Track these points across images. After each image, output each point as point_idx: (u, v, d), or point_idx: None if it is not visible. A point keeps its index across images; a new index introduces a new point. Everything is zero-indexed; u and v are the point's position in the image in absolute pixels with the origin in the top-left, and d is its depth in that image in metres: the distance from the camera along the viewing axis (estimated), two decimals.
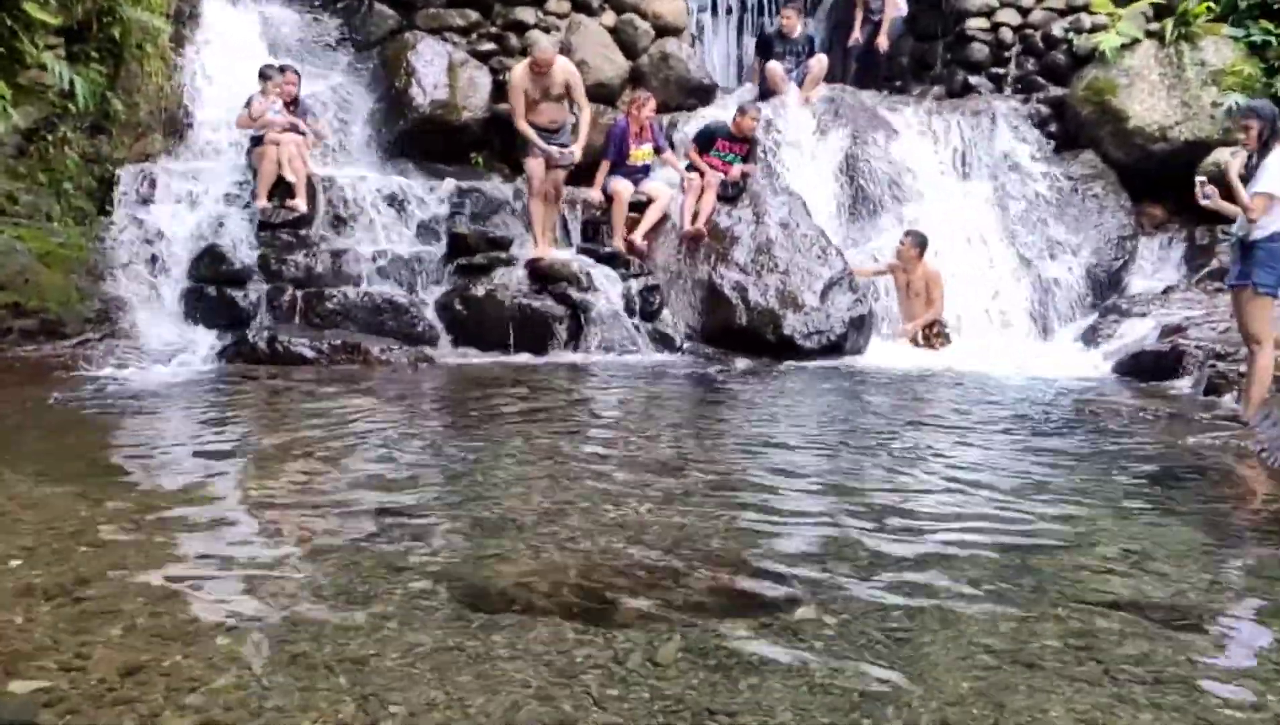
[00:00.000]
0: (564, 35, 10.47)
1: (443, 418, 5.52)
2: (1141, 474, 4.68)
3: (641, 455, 4.67)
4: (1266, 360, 5.73)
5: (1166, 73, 10.48)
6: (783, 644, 2.50)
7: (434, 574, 2.90)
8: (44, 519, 3.25)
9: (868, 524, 3.53)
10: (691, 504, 3.73)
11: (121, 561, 2.88)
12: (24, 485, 3.66)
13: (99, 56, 7.79)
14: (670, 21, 10.76)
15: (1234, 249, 5.95)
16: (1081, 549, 3.38)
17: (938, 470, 4.47)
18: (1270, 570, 3.25)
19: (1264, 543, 3.68)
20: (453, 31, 10.38)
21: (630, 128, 9.13)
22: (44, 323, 6.63)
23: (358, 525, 3.36)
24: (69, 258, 7.06)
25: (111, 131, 8.11)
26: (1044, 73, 11.22)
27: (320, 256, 7.77)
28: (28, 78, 7.09)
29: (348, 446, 4.56)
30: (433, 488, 3.92)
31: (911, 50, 12.58)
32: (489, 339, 7.67)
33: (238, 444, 4.63)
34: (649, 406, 6.13)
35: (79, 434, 4.78)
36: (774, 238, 8.65)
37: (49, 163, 7.48)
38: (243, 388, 6.00)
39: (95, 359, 6.51)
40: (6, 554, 2.91)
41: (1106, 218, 10.25)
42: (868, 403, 6.40)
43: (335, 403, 5.62)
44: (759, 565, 3.10)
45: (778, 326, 8.11)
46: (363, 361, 6.86)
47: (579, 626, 2.56)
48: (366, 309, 7.52)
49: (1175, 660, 2.45)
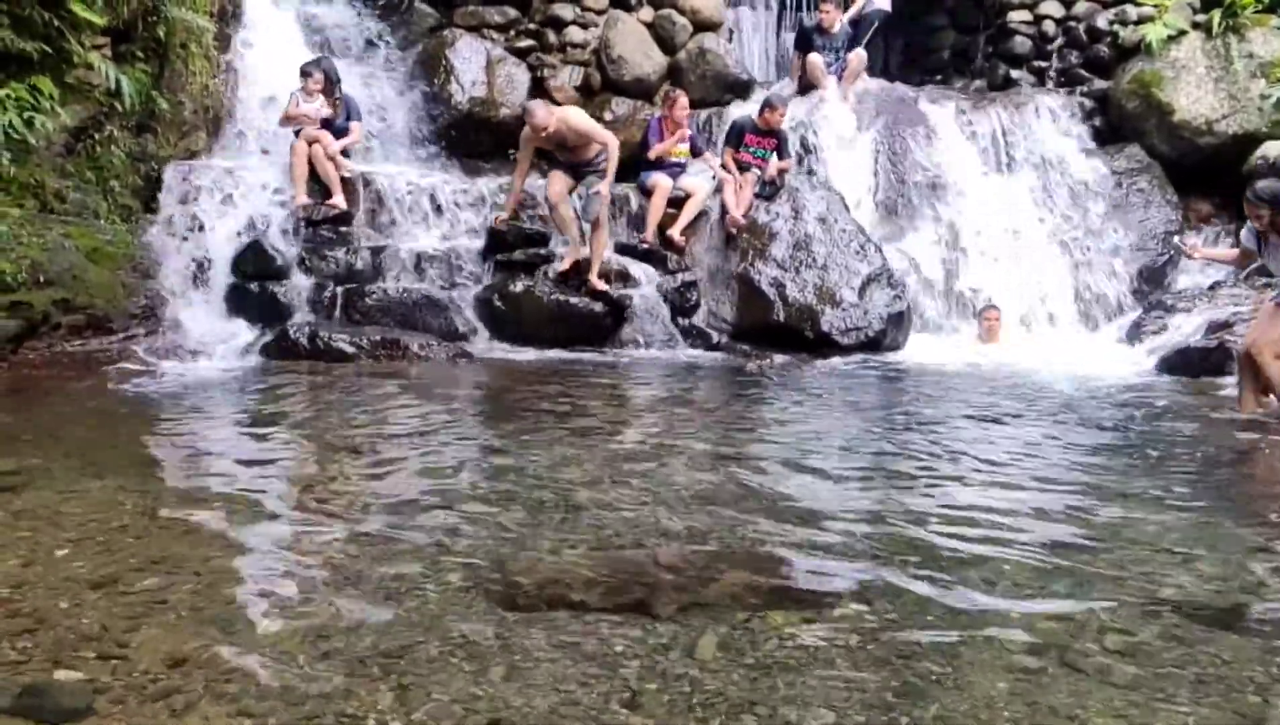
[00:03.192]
0: (601, 31, 10.49)
1: (481, 412, 5.55)
2: (1186, 471, 4.60)
3: (679, 450, 4.67)
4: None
5: (1214, 65, 10.30)
6: (822, 639, 2.48)
7: (473, 567, 2.91)
8: (89, 511, 3.30)
9: (908, 521, 3.50)
10: (730, 499, 3.72)
11: (165, 553, 2.92)
12: (70, 478, 3.72)
13: (144, 56, 7.90)
14: (708, 17, 10.75)
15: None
16: (1124, 548, 3.33)
17: (978, 467, 4.43)
18: None
19: None
20: (491, 29, 10.44)
21: (665, 125, 9.13)
22: (91, 318, 6.73)
23: (398, 518, 3.39)
24: (116, 254, 7.16)
25: (157, 130, 8.22)
26: (1088, 66, 11.07)
27: (360, 253, 7.85)
28: (75, 77, 7.20)
29: (388, 440, 4.60)
30: (471, 482, 3.94)
31: (953, 44, 12.47)
32: (527, 335, 7.70)
33: (279, 437, 4.68)
34: (686, 402, 6.12)
35: (124, 427, 4.86)
36: (812, 233, 8.61)
37: (96, 161, 7.60)
38: (284, 382, 6.07)
39: (140, 354, 6.62)
40: (53, 545, 2.96)
41: (1152, 212, 10.11)
42: (906, 399, 6.35)
43: (375, 397, 5.67)
44: (797, 560, 3.09)
45: (815, 322, 8.08)
46: (402, 357, 6.91)
47: (617, 619, 2.57)
48: (406, 305, 7.57)
49: (1218, 662, 2.41)
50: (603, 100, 10.40)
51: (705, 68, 10.58)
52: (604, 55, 10.48)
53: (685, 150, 9.21)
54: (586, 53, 10.55)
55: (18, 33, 6.63)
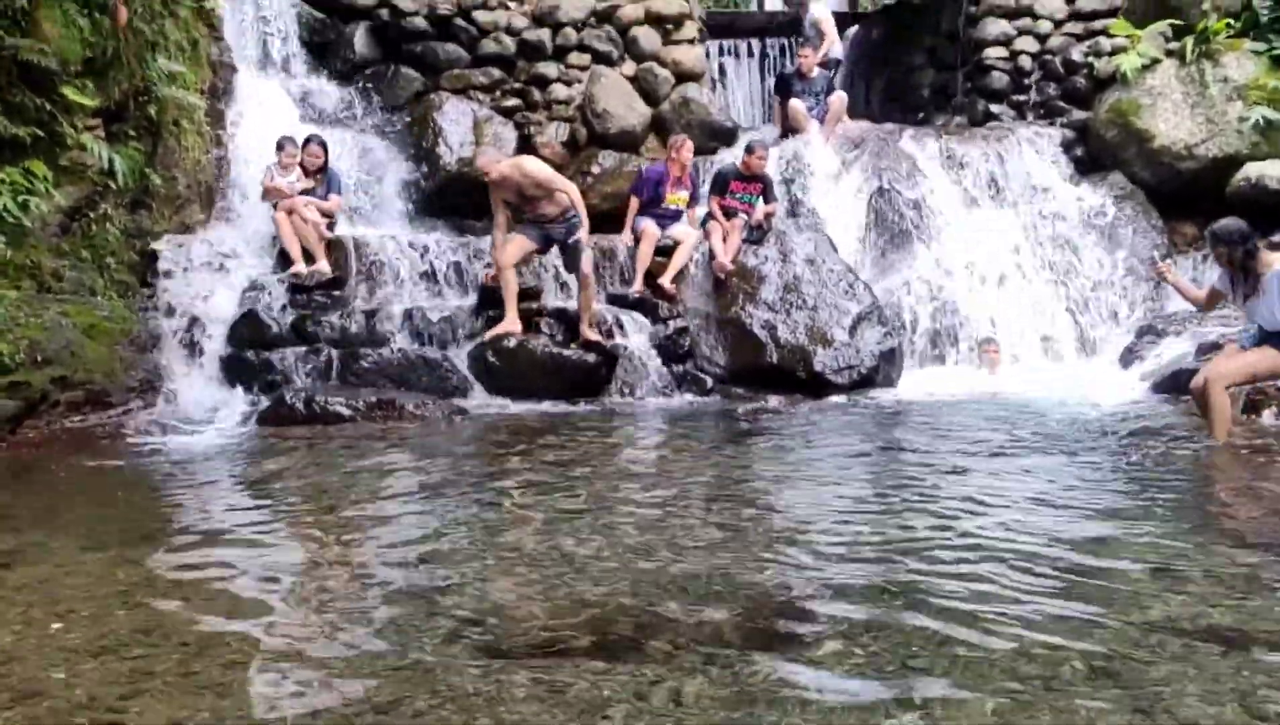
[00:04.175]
0: (585, 86, 10.68)
1: (476, 468, 5.58)
2: (1175, 492, 4.64)
3: (673, 496, 4.70)
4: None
5: (1190, 91, 10.45)
6: (807, 678, 2.51)
7: (463, 619, 2.94)
8: (85, 584, 3.34)
9: (895, 556, 3.53)
10: (721, 543, 3.75)
11: (158, 622, 2.95)
12: (67, 552, 3.76)
13: (137, 135, 8.03)
14: (689, 68, 10.93)
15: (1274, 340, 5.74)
16: (1113, 571, 3.36)
17: (967, 499, 4.45)
18: None
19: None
20: (477, 90, 10.63)
21: (670, 172, 9.24)
22: (89, 394, 6.79)
23: (390, 576, 3.42)
24: (113, 329, 7.25)
25: (151, 205, 8.34)
26: (1065, 97, 11.24)
27: (354, 316, 7.93)
28: (69, 158, 7.32)
29: (381, 500, 4.64)
30: (463, 536, 3.97)
31: (932, 82, 12.66)
32: (522, 389, 7.75)
33: (273, 503, 4.72)
34: (680, 449, 6.16)
35: (121, 501, 4.90)
36: (801, 275, 8.70)
37: (92, 239, 7.70)
38: (281, 448, 6.11)
39: (139, 427, 6.67)
40: (48, 619, 3.00)
41: (1138, 238, 10.22)
42: (897, 435, 6.39)
43: (372, 459, 5.71)
44: (785, 600, 3.11)
45: (808, 363, 8.13)
46: (398, 417, 6.96)
47: (604, 665, 2.59)
48: (401, 365, 7.63)
49: (1204, 681, 2.43)
50: (589, 154, 10.57)
51: (689, 117, 10.74)
52: (589, 110, 10.65)
53: (685, 197, 9.32)
54: (571, 108, 10.73)
55: (10, 118, 6.76)
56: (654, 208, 9.18)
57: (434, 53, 10.66)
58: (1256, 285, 5.60)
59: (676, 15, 10.98)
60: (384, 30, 10.70)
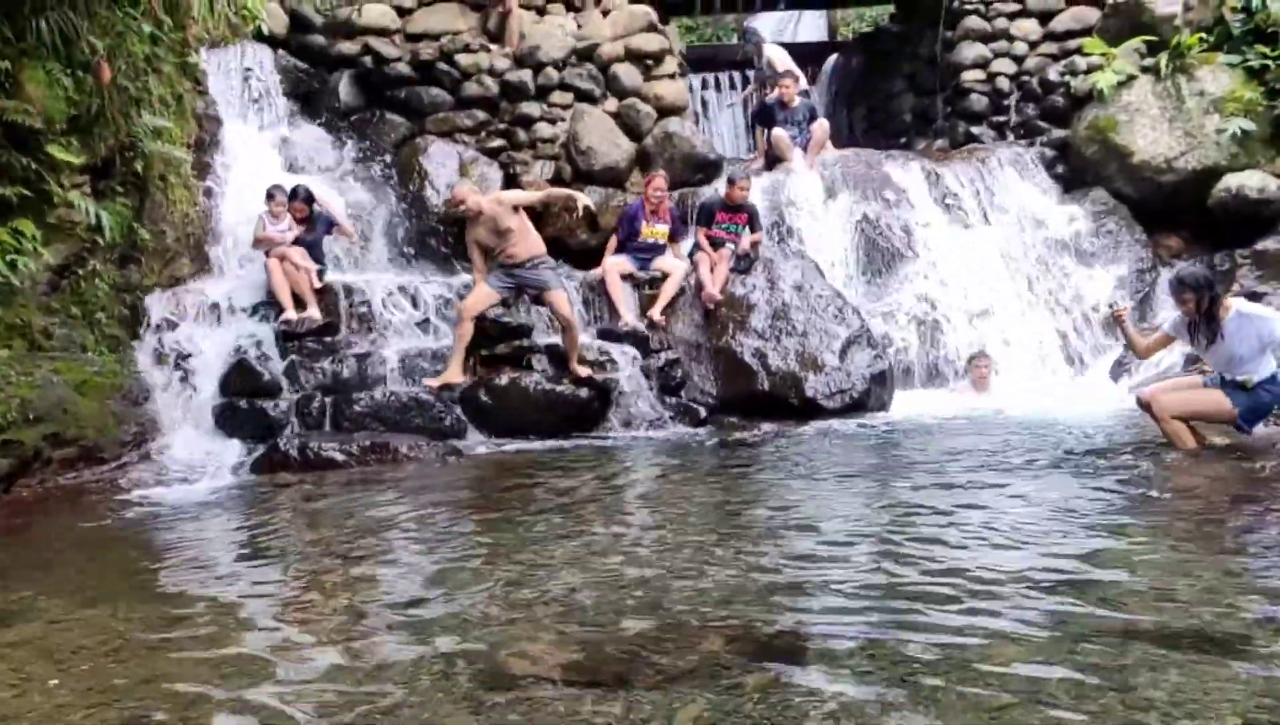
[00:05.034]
0: (569, 124, 10.77)
1: (470, 507, 5.59)
2: (1162, 503, 4.66)
3: (666, 528, 4.71)
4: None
5: (1166, 105, 10.56)
6: (800, 696, 2.51)
7: (458, 656, 2.95)
8: (79, 639, 3.34)
9: (889, 576, 3.54)
10: (715, 572, 3.76)
11: (154, 675, 2.95)
12: (62, 608, 3.76)
13: (124, 190, 8.07)
14: (671, 102, 11.03)
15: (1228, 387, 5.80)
16: (1103, 582, 3.37)
17: (959, 517, 4.47)
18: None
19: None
20: (462, 132, 10.72)
21: (644, 207, 9.35)
22: (82, 450, 6.79)
23: (385, 618, 3.43)
24: (104, 385, 7.25)
25: (140, 260, 8.37)
26: (1044, 116, 11.37)
27: (346, 361, 7.95)
28: (56, 216, 7.36)
29: (377, 544, 4.64)
30: (460, 574, 3.97)
31: (912, 107, 12.81)
32: (516, 426, 7.77)
33: (269, 551, 4.71)
34: (674, 480, 6.16)
35: (116, 556, 4.89)
36: (789, 302, 8.75)
37: (81, 295, 7.72)
38: (275, 496, 6.11)
39: (133, 481, 6.66)
40: (45, 674, 3.00)
41: (1123, 252, 10.29)
42: (890, 457, 6.40)
43: (366, 503, 5.71)
44: (777, 626, 3.12)
45: (800, 389, 8.16)
46: (392, 460, 6.96)
47: (599, 694, 2.60)
48: (394, 408, 7.64)
49: (1195, 690, 2.44)
50: (575, 190, 10.62)
51: (673, 151, 10.83)
52: (573, 147, 10.74)
53: (663, 231, 9.39)
54: (556, 146, 10.82)
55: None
56: (633, 242, 9.28)
57: (418, 97, 10.76)
58: (1219, 331, 5.60)
59: (657, 51, 11.10)
60: (367, 77, 10.81)
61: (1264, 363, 5.65)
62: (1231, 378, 5.66)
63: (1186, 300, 5.65)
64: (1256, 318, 5.63)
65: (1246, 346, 5.59)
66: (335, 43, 10.87)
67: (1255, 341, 5.58)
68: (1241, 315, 5.60)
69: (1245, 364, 5.63)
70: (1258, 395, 5.65)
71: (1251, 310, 5.75)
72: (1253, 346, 5.59)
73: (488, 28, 11.25)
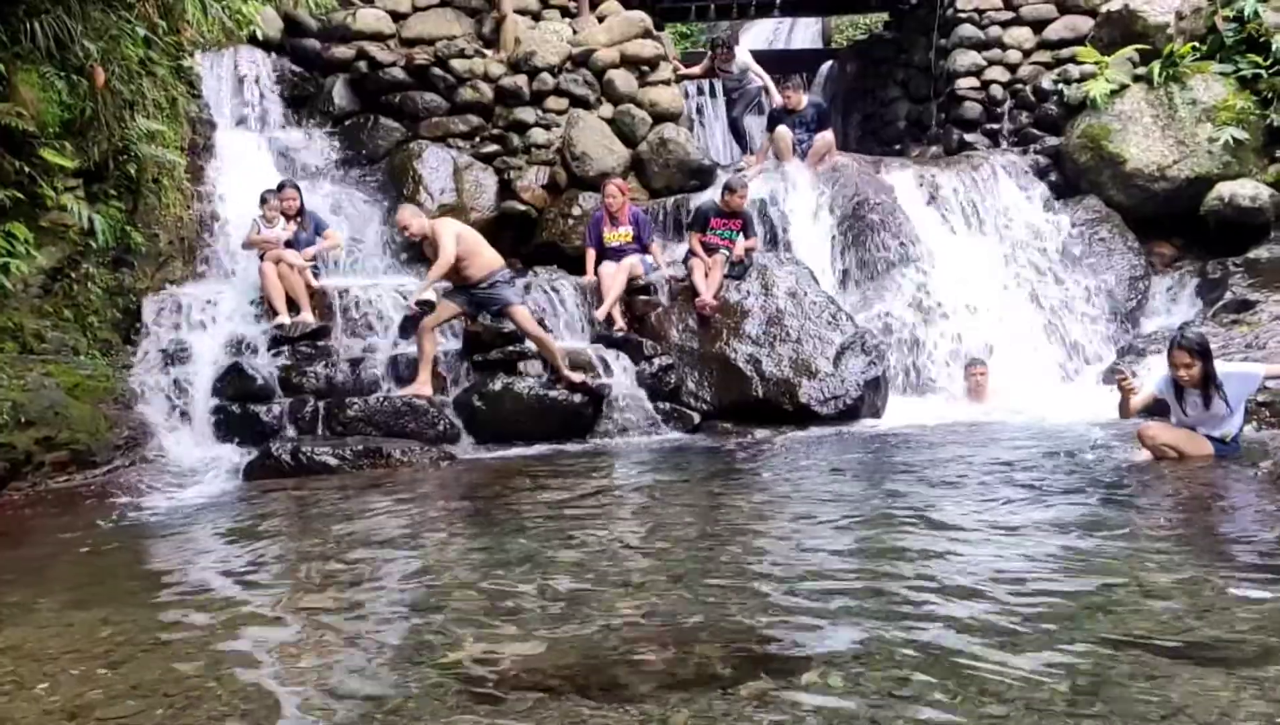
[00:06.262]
0: (564, 130, 10.78)
1: (463, 513, 5.57)
2: (1153, 509, 4.66)
3: (660, 534, 4.70)
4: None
5: (1159, 114, 10.61)
6: (792, 707, 2.51)
7: (452, 664, 2.94)
8: (69, 644, 3.32)
9: (881, 586, 3.54)
10: (709, 579, 3.75)
11: (142, 679, 2.94)
12: (52, 613, 3.74)
13: (117, 194, 8.07)
14: (666, 108, 11.05)
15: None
16: (1094, 589, 3.37)
17: (951, 525, 4.47)
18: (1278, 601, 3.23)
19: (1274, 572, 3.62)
20: (456, 137, 10.73)
21: (604, 214, 9.39)
22: (74, 454, 6.77)
23: (378, 625, 3.41)
24: (97, 388, 7.24)
25: (133, 263, 8.37)
26: (1038, 124, 11.42)
27: (339, 366, 7.94)
28: (49, 220, 7.35)
29: (370, 550, 4.62)
30: (454, 581, 3.96)
31: (907, 114, 12.86)
32: (510, 432, 7.75)
33: (260, 557, 4.69)
34: (667, 486, 6.15)
35: (107, 560, 4.87)
36: (784, 308, 8.75)
37: (74, 299, 7.72)
38: (267, 502, 6.09)
39: (125, 486, 6.63)
40: (33, 680, 2.98)
41: (1116, 260, 10.32)
42: (883, 465, 6.40)
43: (358, 508, 5.69)
44: (770, 634, 3.12)
45: (794, 395, 8.16)
46: (385, 465, 6.95)
47: (592, 704, 2.59)
48: (387, 413, 7.63)
49: (1182, 695, 2.44)
50: (569, 196, 10.65)
51: (668, 156, 10.85)
52: (568, 153, 10.75)
53: (625, 234, 9.36)
54: (550, 152, 10.83)
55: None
56: (603, 249, 9.34)
57: (412, 102, 10.77)
58: (1213, 397, 5.58)
59: (652, 57, 11.12)
60: (362, 82, 10.82)
61: (1240, 417, 5.78)
62: (1208, 434, 5.71)
63: (1190, 365, 5.54)
64: (1236, 377, 5.70)
65: (1232, 406, 5.66)
66: (330, 47, 10.87)
67: (1236, 401, 5.67)
68: (1226, 376, 5.63)
69: (1226, 422, 5.72)
70: (1233, 447, 5.74)
71: (1231, 370, 5.81)
72: (1235, 406, 5.68)
73: (482, 33, 11.28)
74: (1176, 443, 5.67)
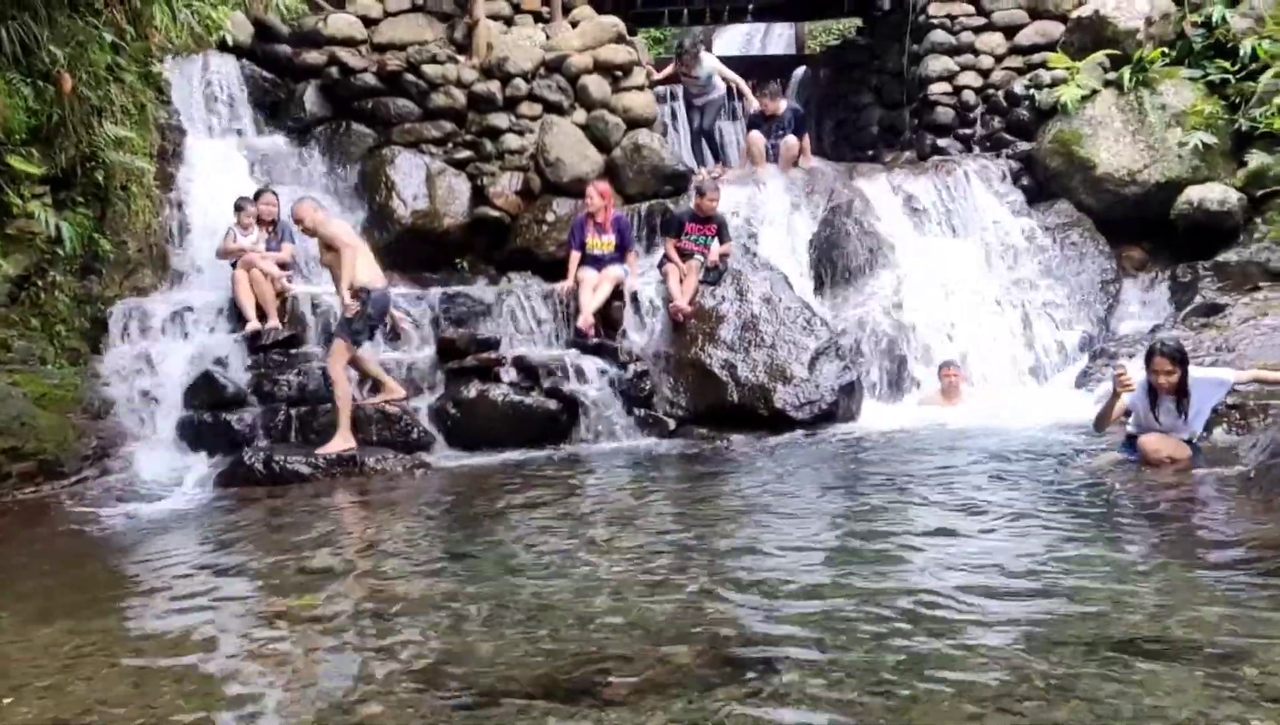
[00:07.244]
0: (537, 136, 10.75)
1: (437, 520, 5.53)
2: (1126, 511, 4.69)
3: (634, 539, 4.68)
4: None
5: (1129, 119, 10.70)
6: (769, 710, 2.50)
7: (426, 671, 2.91)
8: (36, 656, 3.27)
9: (857, 587, 3.54)
10: (683, 584, 3.74)
11: (109, 693, 2.89)
12: (20, 625, 3.69)
13: (85, 201, 7.96)
14: (640, 114, 11.02)
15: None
16: (1067, 591, 3.38)
17: (926, 528, 4.48)
18: (1251, 602, 3.24)
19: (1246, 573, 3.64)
20: (429, 143, 10.65)
21: (587, 219, 9.34)
22: (42, 464, 6.67)
23: (351, 635, 3.38)
24: (65, 398, 7.14)
25: (102, 271, 8.26)
26: (1010, 129, 11.47)
27: (311, 374, 7.85)
28: (16, 227, 7.25)
29: (342, 558, 4.58)
30: (427, 587, 3.93)
31: (880, 119, 12.90)
32: (484, 439, 7.70)
33: (231, 568, 4.64)
34: (642, 492, 6.14)
35: (76, 571, 4.80)
36: (758, 313, 8.75)
37: (41, 307, 7.61)
38: (240, 511, 6.02)
39: (93, 496, 6.54)
40: (1, 693, 2.93)
41: (1088, 264, 10.39)
42: (858, 469, 6.41)
43: (331, 517, 5.65)
44: (747, 637, 3.11)
45: (769, 400, 8.16)
46: (359, 473, 6.89)
47: (567, 709, 2.57)
48: (360, 421, 7.55)
49: (1156, 695, 2.45)
50: (544, 202, 10.61)
51: (642, 162, 10.82)
52: (541, 159, 10.71)
53: (608, 242, 9.31)
54: (524, 158, 10.78)
55: None
56: (585, 254, 9.27)
57: (385, 108, 10.69)
58: (1188, 404, 5.60)
59: (625, 63, 11.09)
60: (334, 88, 10.73)
61: (1203, 420, 5.82)
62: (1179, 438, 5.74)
63: (1171, 373, 5.55)
64: (1205, 383, 5.72)
65: (1199, 410, 5.70)
66: (301, 53, 10.78)
67: (1205, 405, 5.72)
68: (1197, 381, 5.66)
69: (1193, 423, 5.75)
70: (1195, 448, 5.78)
71: (1202, 375, 5.83)
72: (1201, 410, 5.72)
73: (455, 38, 11.22)
74: (1175, 452, 5.69)
